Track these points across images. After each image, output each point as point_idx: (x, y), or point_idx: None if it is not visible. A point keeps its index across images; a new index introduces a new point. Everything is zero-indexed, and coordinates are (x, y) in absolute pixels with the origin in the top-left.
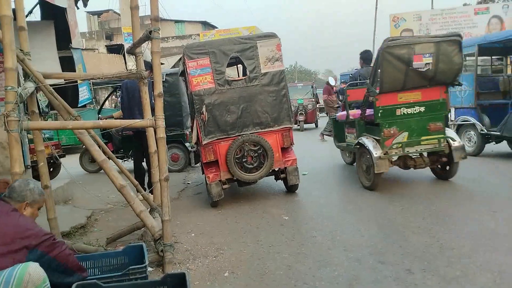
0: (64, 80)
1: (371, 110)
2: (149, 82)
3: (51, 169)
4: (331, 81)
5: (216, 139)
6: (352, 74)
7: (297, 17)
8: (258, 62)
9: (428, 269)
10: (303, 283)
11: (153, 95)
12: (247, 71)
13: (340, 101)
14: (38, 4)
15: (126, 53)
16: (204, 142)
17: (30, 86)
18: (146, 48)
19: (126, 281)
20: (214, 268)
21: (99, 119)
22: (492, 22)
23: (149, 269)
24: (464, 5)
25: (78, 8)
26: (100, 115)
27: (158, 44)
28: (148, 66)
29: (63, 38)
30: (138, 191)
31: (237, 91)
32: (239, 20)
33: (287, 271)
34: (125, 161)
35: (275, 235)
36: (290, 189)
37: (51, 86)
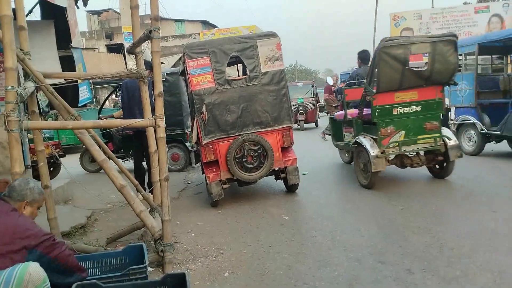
0: (64, 80)
1: (369, 110)
2: (149, 82)
3: (51, 169)
4: (329, 81)
5: (216, 139)
6: (350, 74)
7: (297, 17)
8: (258, 62)
9: (428, 269)
10: (303, 283)
11: (153, 95)
12: (247, 71)
13: (339, 101)
14: (38, 4)
15: (126, 53)
16: (204, 142)
17: (30, 86)
18: (146, 48)
19: (126, 281)
20: (214, 268)
21: (100, 119)
22: (493, 21)
23: (149, 269)
24: (465, 4)
25: (78, 8)
26: (101, 115)
27: (158, 44)
28: (148, 66)
29: (63, 38)
30: (138, 191)
31: (237, 91)
32: (239, 20)
33: (287, 271)
34: (126, 161)
35: (275, 235)
36: (290, 189)
37: (51, 86)
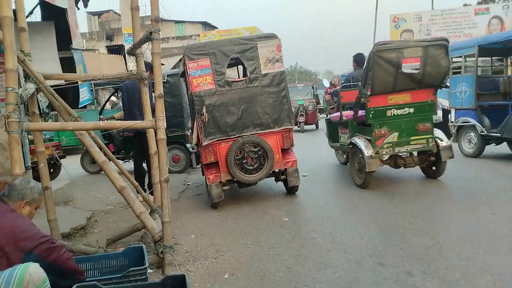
0: (65, 81)
1: (363, 111)
2: (150, 83)
3: (52, 170)
4: (325, 83)
5: (216, 140)
6: (346, 76)
7: (297, 17)
8: (259, 63)
9: (428, 271)
10: (303, 285)
11: (154, 96)
12: (248, 72)
13: (335, 102)
14: (39, 5)
15: (127, 54)
16: (204, 143)
17: (31, 87)
18: (147, 49)
19: (126, 283)
20: (214, 270)
21: (101, 120)
22: (493, 23)
23: (149, 271)
24: (465, 6)
25: (79, 9)
26: (102, 116)
27: (159, 45)
28: (149, 67)
29: (64, 39)
30: (138, 192)
31: (238, 92)
32: (239, 20)
33: (287, 273)
34: (126, 162)
35: (275, 237)
36: (290, 191)
37: (52, 87)
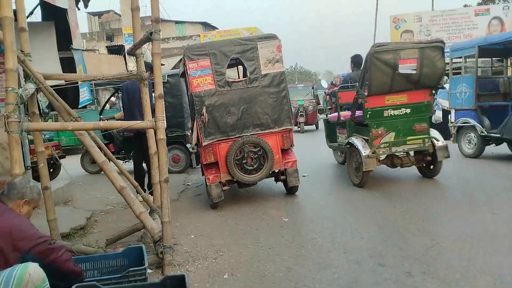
0: (65, 81)
1: (361, 112)
2: (150, 83)
3: (51, 170)
4: (324, 84)
5: (216, 141)
6: (344, 77)
7: (298, 17)
8: (259, 64)
9: (428, 272)
10: (303, 285)
11: (154, 96)
12: (248, 73)
13: (333, 103)
14: (39, 5)
15: (127, 54)
16: (204, 144)
17: (31, 87)
18: (147, 49)
19: (126, 283)
20: (214, 270)
21: (101, 120)
22: (493, 24)
23: (149, 271)
24: (465, 6)
25: (79, 9)
26: (102, 116)
27: (159, 46)
28: (149, 67)
29: (64, 39)
30: (138, 193)
31: (238, 93)
32: (239, 20)
33: (287, 273)
34: (126, 162)
35: (275, 237)
36: (290, 191)
37: (52, 87)
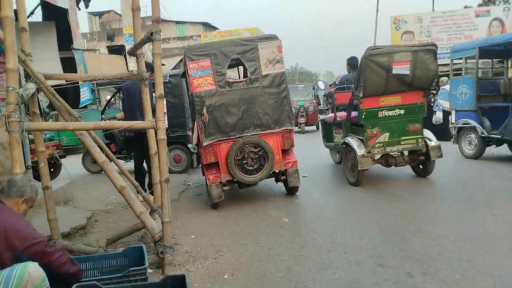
0: (65, 81)
1: (356, 112)
2: (150, 83)
3: (52, 170)
4: (321, 85)
5: (217, 141)
6: (340, 79)
7: (298, 18)
8: (259, 64)
9: (428, 273)
10: (303, 286)
11: (154, 97)
12: (248, 73)
13: (329, 104)
14: (40, 5)
15: (128, 54)
16: (205, 144)
17: (31, 87)
18: (148, 49)
19: (126, 283)
20: (214, 270)
21: (103, 120)
22: (493, 25)
23: (149, 271)
24: (465, 8)
25: (80, 9)
26: (103, 116)
27: (159, 46)
28: (150, 67)
29: (65, 39)
30: (139, 193)
31: (238, 93)
32: (239, 20)
33: (287, 274)
34: (128, 162)
35: (275, 237)
36: (291, 191)
37: (52, 87)
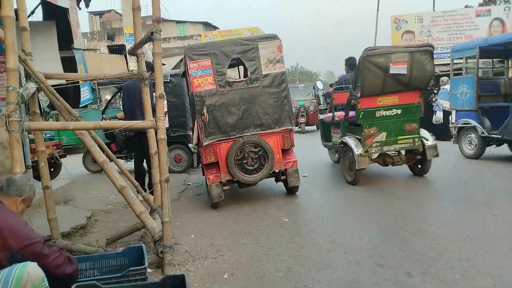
0: (66, 81)
1: (354, 112)
2: (151, 83)
3: (52, 169)
4: (319, 85)
5: (217, 140)
6: (338, 79)
7: (298, 17)
8: (259, 64)
9: (428, 273)
10: (303, 286)
11: (155, 96)
12: (248, 73)
13: (327, 104)
14: (40, 5)
15: (128, 54)
16: (205, 143)
17: (32, 87)
18: (148, 49)
19: (126, 283)
20: (214, 270)
21: (103, 119)
22: (494, 25)
23: (149, 271)
24: (466, 7)
25: (80, 9)
26: (104, 115)
27: (160, 45)
28: (150, 67)
29: (65, 39)
30: (139, 192)
31: (238, 93)
32: (240, 20)
33: (287, 273)
34: (128, 161)
35: (275, 237)
36: (290, 191)
37: (53, 87)
